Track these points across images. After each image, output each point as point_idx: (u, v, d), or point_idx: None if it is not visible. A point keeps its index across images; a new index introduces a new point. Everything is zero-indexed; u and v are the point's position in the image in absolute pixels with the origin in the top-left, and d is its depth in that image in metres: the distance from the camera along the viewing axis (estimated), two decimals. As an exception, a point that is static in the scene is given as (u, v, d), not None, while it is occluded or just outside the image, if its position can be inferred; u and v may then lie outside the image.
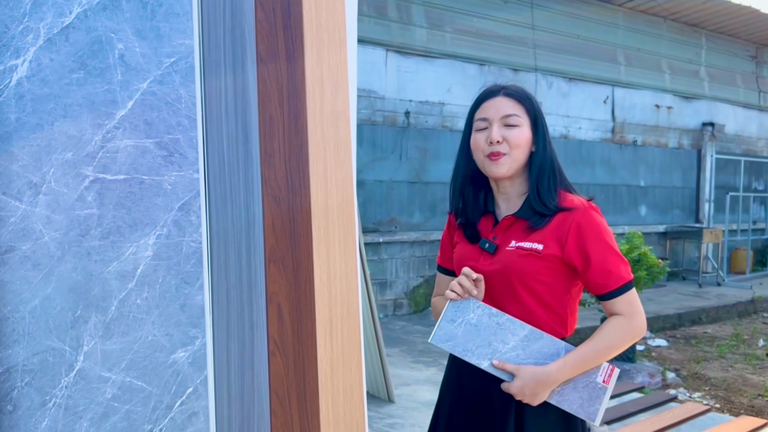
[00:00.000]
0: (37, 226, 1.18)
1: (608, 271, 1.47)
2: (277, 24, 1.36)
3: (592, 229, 1.48)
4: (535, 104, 1.56)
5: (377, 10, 7.02)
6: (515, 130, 1.52)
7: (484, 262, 1.55)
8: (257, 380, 1.36)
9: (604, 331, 1.48)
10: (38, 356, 1.18)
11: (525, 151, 1.53)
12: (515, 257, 1.50)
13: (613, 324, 1.48)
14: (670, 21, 9.99)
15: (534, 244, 1.49)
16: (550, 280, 1.50)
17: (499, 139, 1.51)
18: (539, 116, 1.56)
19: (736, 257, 10.83)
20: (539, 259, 1.48)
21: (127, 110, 1.24)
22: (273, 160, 1.37)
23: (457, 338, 1.50)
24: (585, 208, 1.50)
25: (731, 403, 4.88)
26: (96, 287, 1.22)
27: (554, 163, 1.56)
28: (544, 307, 1.51)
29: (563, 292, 1.52)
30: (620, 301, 1.48)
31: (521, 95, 1.56)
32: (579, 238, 1.47)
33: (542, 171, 1.54)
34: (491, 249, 1.54)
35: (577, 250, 1.48)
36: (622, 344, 1.47)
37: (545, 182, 1.53)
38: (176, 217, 1.28)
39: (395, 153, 7.29)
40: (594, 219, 1.50)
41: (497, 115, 1.53)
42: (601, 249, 1.48)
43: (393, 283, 7.19)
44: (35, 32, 1.18)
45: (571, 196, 1.54)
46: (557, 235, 1.48)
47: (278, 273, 1.37)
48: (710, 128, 10.64)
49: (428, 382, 4.64)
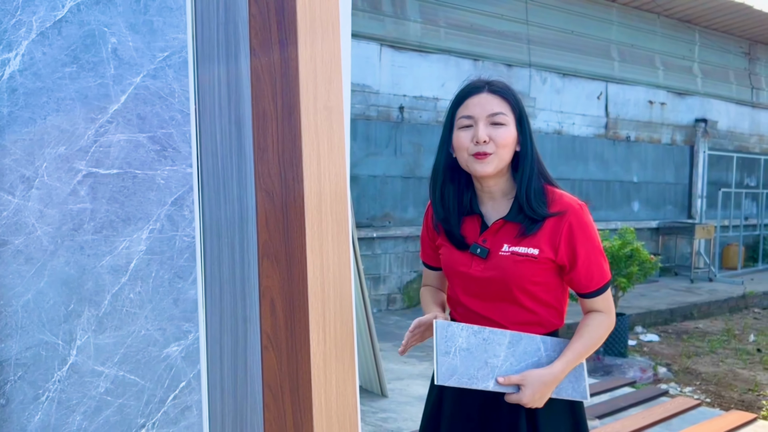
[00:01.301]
0: (30, 220, 1.18)
1: (593, 272, 1.51)
2: (271, 18, 1.36)
3: (583, 231, 1.49)
4: (519, 101, 1.52)
5: (371, 4, 7.01)
6: (502, 129, 1.48)
7: (476, 268, 1.53)
8: (250, 374, 1.36)
9: (590, 327, 1.53)
10: (31, 350, 1.18)
11: (511, 151, 1.50)
12: (511, 263, 1.49)
13: (598, 321, 1.54)
14: (663, 17, 10.01)
15: (529, 249, 1.48)
16: (546, 280, 1.51)
17: (485, 138, 1.46)
18: (523, 113, 1.52)
19: (728, 253, 10.90)
20: (535, 264, 1.48)
21: (120, 104, 1.24)
22: (266, 155, 1.37)
23: (458, 369, 1.47)
24: (576, 210, 1.49)
25: (721, 397, 4.92)
26: (89, 281, 1.22)
27: (539, 162, 1.54)
28: (541, 305, 1.53)
29: (557, 286, 1.54)
30: (600, 299, 1.54)
31: (506, 92, 1.51)
32: (570, 240, 1.48)
33: (530, 172, 1.51)
34: (483, 254, 1.52)
35: (568, 252, 1.49)
36: (603, 339, 1.55)
37: (533, 184, 1.50)
38: (169, 212, 1.28)
39: (389, 148, 7.29)
40: (585, 220, 1.50)
41: (483, 114, 1.48)
42: (590, 250, 1.50)
43: (387, 278, 7.20)
44: (28, 26, 1.18)
45: (559, 193, 1.53)
46: (551, 240, 1.48)
47: (271, 267, 1.37)
48: (703, 124, 10.69)
49: (421, 377, 4.65)
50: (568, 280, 1.54)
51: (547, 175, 1.56)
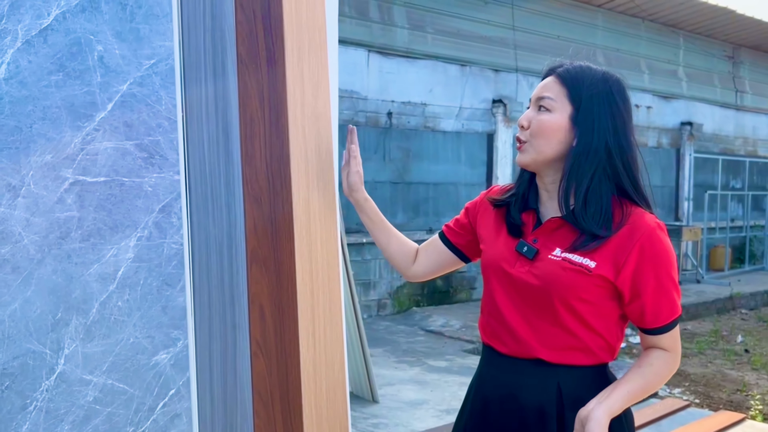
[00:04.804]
0: (17, 228, 1.17)
1: (662, 305, 1.26)
2: (257, 26, 1.37)
3: (656, 257, 1.24)
4: (584, 89, 1.27)
5: (358, 10, 7.03)
6: (544, 115, 1.29)
7: (520, 269, 1.30)
8: (240, 381, 1.36)
9: (654, 367, 1.27)
10: (18, 359, 1.17)
11: (552, 143, 1.27)
12: (559, 270, 1.26)
13: (662, 361, 1.28)
14: (648, 22, 10.11)
15: (585, 259, 1.25)
16: (597, 301, 1.26)
17: (524, 123, 1.30)
18: (590, 104, 1.26)
19: (715, 255, 10.98)
20: (587, 277, 1.24)
21: (107, 112, 1.24)
22: (254, 161, 1.37)
23: None
24: (651, 230, 1.24)
25: (710, 398, 4.96)
26: (77, 290, 1.21)
27: (616, 168, 1.27)
28: (587, 330, 1.28)
29: (610, 314, 1.29)
30: (667, 336, 1.28)
31: (570, 77, 1.30)
32: (638, 265, 1.23)
33: (579, 175, 1.26)
34: (530, 254, 1.30)
35: (633, 278, 1.24)
36: (665, 382, 1.31)
37: (582, 190, 1.25)
38: (157, 219, 1.28)
39: (378, 153, 7.30)
40: (661, 244, 1.25)
41: (535, 97, 1.32)
42: (662, 280, 1.25)
43: (376, 284, 7.19)
44: (13, 34, 1.17)
45: (634, 209, 1.27)
46: (615, 258, 1.24)
47: (260, 274, 1.37)
48: (689, 127, 10.78)
49: (412, 382, 4.65)
50: (630, 311, 1.28)
51: (625, 186, 1.28)
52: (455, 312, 7.09)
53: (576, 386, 1.29)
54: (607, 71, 1.32)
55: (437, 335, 6.24)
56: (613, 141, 1.27)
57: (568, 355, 1.28)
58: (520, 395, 1.31)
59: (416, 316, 6.91)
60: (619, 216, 1.26)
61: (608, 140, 1.26)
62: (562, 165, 1.29)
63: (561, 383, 1.29)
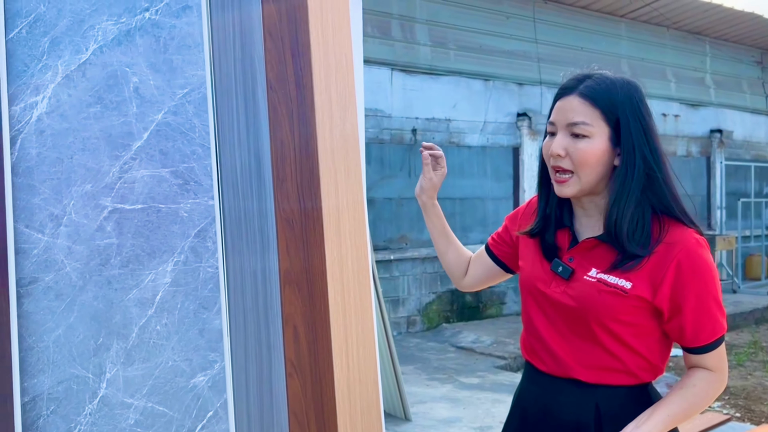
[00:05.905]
0: (59, 256, 1.21)
1: (703, 323, 1.22)
2: (286, 52, 1.40)
3: (696, 273, 1.19)
4: (618, 105, 1.21)
5: (381, 30, 7.10)
6: (582, 143, 1.21)
7: (556, 289, 1.28)
8: (276, 402, 1.37)
9: (697, 388, 1.24)
10: (62, 384, 1.20)
11: (597, 168, 1.22)
12: (594, 292, 1.22)
13: (706, 381, 1.25)
14: (673, 30, 10.02)
15: (621, 280, 1.21)
16: (637, 321, 1.23)
17: (560, 152, 1.22)
18: (627, 121, 1.20)
19: (751, 263, 10.74)
20: (623, 299, 1.21)
21: (143, 141, 1.28)
22: (285, 185, 1.40)
23: None
24: (690, 244, 1.20)
25: (752, 411, 4.83)
26: (117, 315, 1.25)
27: (657, 185, 1.22)
28: (627, 350, 1.24)
29: (651, 333, 1.25)
30: (711, 356, 1.24)
31: (598, 95, 1.21)
32: (677, 282, 1.19)
33: (625, 197, 1.20)
34: (565, 274, 1.27)
35: (672, 296, 1.20)
36: (709, 404, 1.28)
37: (628, 212, 1.20)
38: (193, 244, 1.31)
39: (403, 170, 7.33)
40: (701, 259, 1.20)
41: (563, 121, 1.23)
42: (702, 297, 1.20)
43: (405, 301, 7.18)
44: (54, 69, 1.22)
45: (675, 225, 1.23)
46: (652, 276, 1.20)
47: (293, 295, 1.39)
48: (718, 135, 10.62)
49: (444, 399, 4.62)
50: (669, 329, 1.24)
51: (668, 203, 1.23)
52: (485, 328, 7.04)
53: (615, 405, 1.27)
54: (625, 79, 1.26)
55: (468, 352, 6.19)
56: (650, 155, 1.22)
57: (606, 376, 1.26)
58: (558, 412, 1.31)
59: (446, 333, 6.88)
60: (656, 233, 1.22)
61: (645, 155, 1.21)
62: (599, 183, 1.25)
63: (599, 403, 1.27)
